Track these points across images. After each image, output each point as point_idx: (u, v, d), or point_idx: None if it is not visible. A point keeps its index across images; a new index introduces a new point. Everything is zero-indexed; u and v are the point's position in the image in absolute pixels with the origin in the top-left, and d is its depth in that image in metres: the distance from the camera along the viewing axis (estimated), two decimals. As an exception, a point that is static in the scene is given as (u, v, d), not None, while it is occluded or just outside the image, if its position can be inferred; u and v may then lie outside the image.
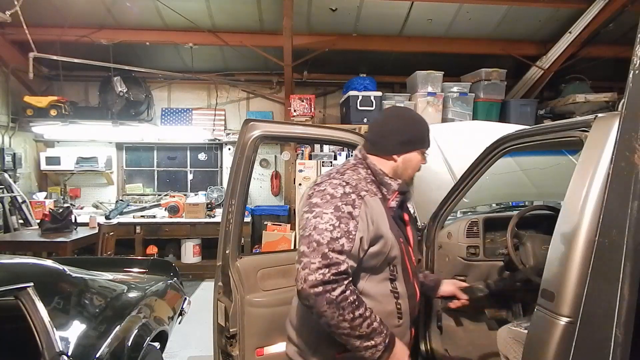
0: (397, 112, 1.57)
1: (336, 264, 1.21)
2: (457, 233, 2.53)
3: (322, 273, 1.19)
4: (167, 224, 5.48)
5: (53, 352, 1.60)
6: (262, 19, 4.99)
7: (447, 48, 5.45)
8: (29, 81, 5.15)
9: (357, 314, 1.22)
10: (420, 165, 1.53)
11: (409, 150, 1.48)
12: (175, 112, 6.05)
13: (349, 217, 1.27)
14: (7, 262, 1.90)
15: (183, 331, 3.17)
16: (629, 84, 1.00)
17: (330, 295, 1.19)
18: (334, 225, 1.25)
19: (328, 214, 1.26)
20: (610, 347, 0.98)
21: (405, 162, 1.48)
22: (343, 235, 1.24)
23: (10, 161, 5.19)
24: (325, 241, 1.22)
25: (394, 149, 1.47)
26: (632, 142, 0.98)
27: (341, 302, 1.20)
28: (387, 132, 1.48)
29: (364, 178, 1.42)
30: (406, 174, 1.49)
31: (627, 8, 4.58)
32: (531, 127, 1.84)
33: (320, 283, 1.19)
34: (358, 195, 1.33)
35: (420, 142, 1.51)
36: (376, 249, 1.33)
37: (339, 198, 1.29)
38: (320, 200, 1.30)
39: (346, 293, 1.21)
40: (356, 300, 1.23)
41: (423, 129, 1.53)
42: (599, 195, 1.18)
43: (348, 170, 1.42)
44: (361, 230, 1.28)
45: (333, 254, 1.21)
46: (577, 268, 1.19)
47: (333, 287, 1.20)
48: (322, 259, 1.21)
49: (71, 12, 4.71)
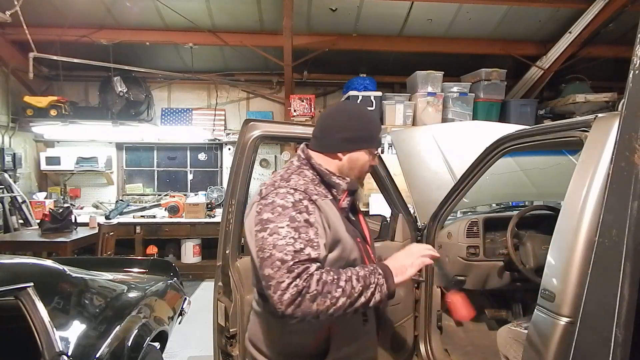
0: (345, 107, 1.49)
1: (304, 270, 1.15)
2: (457, 233, 2.53)
3: (295, 285, 1.12)
4: (167, 224, 5.48)
5: (53, 352, 1.60)
6: (262, 19, 4.99)
7: (447, 48, 5.45)
8: (29, 81, 5.15)
9: (343, 283, 1.17)
10: (368, 166, 1.44)
11: (355, 149, 1.39)
12: (175, 112, 6.05)
13: (307, 225, 1.21)
14: (7, 262, 1.90)
15: (183, 331, 3.17)
16: (629, 84, 1.00)
17: (310, 292, 1.13)
18: (293, 237, 1.17)
19: (284, 228, 1.18)
20: (610, 347, 0.98)
21: (350, 161, 1.39)
22: (307, 245, 1.18)
23: (10, 161, 5.19)
24: (289, 257, 1.15)
25: (338, 147, 1.38)
26: (632, 142, 0.97)
27: (324, 287, 1.14)
28: (332, 128, 1.39)
29: (310, 180, 1.34)
30: (352, 174, 1.40)
31: (627, 8, 4.58)
32: (531, 127, 1.84)
33: (296, 295, 1.12)
34: (310, 200, 1.26)
35: (367, 140, 1.40)
36: (335, 255, 1.29)
37: (291, 208, 1.22)
38: (271, 215, 1.21)
39: (323, 277, 1.15)
40: (334, 275, 1.18)
41: (371, 127, 1.43)
42: (599, 195, 1.18)
43: (293, 175, 1.33)
44: (323, 237, 1.23)
45: (300, 265, 1.15)
46: (577, 268, 1.19)
47: (309, 286, 1.13)
48: (289, 274, 1.13)
49: (71, 12, 4.71)
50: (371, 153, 1.42)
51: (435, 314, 2.44)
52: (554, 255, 1.31)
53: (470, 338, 2.75)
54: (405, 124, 5.33)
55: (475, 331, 2.80)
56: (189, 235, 5.54)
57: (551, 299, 1.25)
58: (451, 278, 2.54)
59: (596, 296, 1.07)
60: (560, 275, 1.24)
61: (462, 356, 2.53)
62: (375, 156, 1.45)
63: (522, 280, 2.50)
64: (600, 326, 1.02)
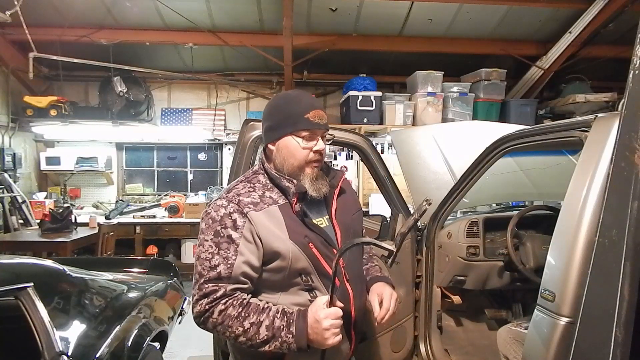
0: (273, 97, 1.41)
1: (212, 292, 1.21)
2: (457, 233, 2.53)
3: (200, 304, 1.22)
4: (167, 224, 5.48)
5: (53, 352, 1.59)
6: (262, 19, 4.99)
7: (447, 48, 5.44)
8: (29, 81, 5.15)
9: (247, 325, 1.19)
10: (307, 151, 1.30)
11: (278, 136, 1.31)
12: (175, 112, 6.05)
13: (229, 241, 1.22)
14: (7, 262, 1.90)
15: (183, 331, 3.16)
16: (629, 84, 1.00)
17: (212, 319, 1.21)
18: (212, 253, 1.22)
19: (208, 241, 1.24)
20: (610, 347, 0.98)
21: (279, 150, 1.32)
22: (221, 263, 1.21)
23: (10, 161, 5.18)
24: (205, 272, 1.22)
25: (266, 139, 1.36)
26: (632, 142, 0.97)
27: (224, 321, 1.20)
28: (262, 121, 1.39)
29: (263, 185, 1.32)
30: (287, 163, 1.31)
31: (627, 8, 4.58)
32: (531, 127, 1.85)
33: (200, 314, 1.22)
34: (241, 213, 1.24)
35: (289, 124, 1.29)
36: (274, 266, 1.26)
37: (219, 222, 1.23)
38: (204, 226, 1.26)
39: (227, 311, 1.20)
40: (242, 312, 1.20)
41: (290, 110, 1.30)
42: (599, 195, 1.18)
43: (240, 184, 1.32)
44: (244, 253, 1.22)
45: (209, 284, 1.21)
46: (577, 268, 1.19)
47: (211, 312, 1.21)
48: (199, 291, 1.22)
49: (71, 12, 4.71)
50: (300, 136, 1.29)
51: (435, 314, 2.45)
52: (554, 255, 1.31)
53: (470, 338, 2.75)
54: (405, 124, 5.33)
55: (475, 331, 2.80)
56: (189, 235, 5.54)
57: (551, 299, 1.25)
58: (451, 278, 2.54)
59: (596, 296, 1.07)
60: (560, 275, 1.24)
61: (462, 356, 2.53)
62: (311, 140, 1.31)
63: (522, 280, 2.50)
64: (600, 326, 1.02)
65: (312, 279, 1.29)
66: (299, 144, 1.30)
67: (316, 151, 1.32)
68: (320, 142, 1.32)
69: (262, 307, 1.22)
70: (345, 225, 1.39)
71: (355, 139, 2.27)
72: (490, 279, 2.57)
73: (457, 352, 2.54)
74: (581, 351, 1.11)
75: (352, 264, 1.39)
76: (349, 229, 1.41)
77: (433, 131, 3.08)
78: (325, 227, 1.36)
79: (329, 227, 1.37)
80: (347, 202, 1.46)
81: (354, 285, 1.36)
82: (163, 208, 5.71)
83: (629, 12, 4.63)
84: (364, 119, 5.30)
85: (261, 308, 1.22)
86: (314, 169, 1.33)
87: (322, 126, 1.32)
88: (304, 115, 1.29)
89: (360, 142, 2.28)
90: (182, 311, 2.75)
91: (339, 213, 1.40)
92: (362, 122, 5.30)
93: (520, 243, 2.37)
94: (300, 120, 1.29)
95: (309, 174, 1.32)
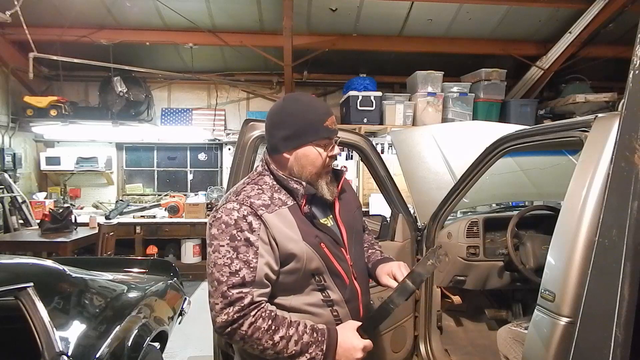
0: (282, 102, 1.35)
1: (238, 299, 1.16)
2: (457, 233, 2.53)
3: (226, 313, 1.16)
4: (167, 224, 5.48)
5: (53, 352, 1.59)
6: (262, 19, 4.99)
7: (447, 48, 5.44)
8: (29, 81, 5.15)
9: (277, 338, 1.17)
10: (324, 158, 1.31)
11: (298, 145, 1.29)
12: (175, 112, 6.05)
13: (247, 244, 1.19)
14: (7, 262, 1.90)
15: (183, 331, 3.17)
16: (629, 84, 1.00)
17: (240, 331, 1.17)
18: (231, 258, 1.18)
19: (224, 246, 1.19)
20: (610, 347, 0.98)
21: (298, 159, 1.30)
22: (243, 267, 1.18)
23: (10, 161, 5.18)
24: (224, 278, 1.17)
25: (281, 147, 1.31)
26: (632, 142, 0.97)
27: (254, 333, 1.17)
28: (272, 129, 1.33)
29: (270, 187, 1.30)
30: (306, 171, 1.30)
31: (627, 8, 4.58)
32: (531, 127, 1.84)
33: (227, 324, 1.17)
34: (255, 215, 1.22)
35: (309, 133, 1.28)
36: (289, 268, 1.25)
37: (233, 225, 1.20)
38: (217, 231, 1.21)
39: (257, 323, 1.17)
40: (272, 325, 1.18)
41: (310, 117, 1.28)
42: (599, 195, 1.18)
43: (248, 186, 1.30)
44: (264, 255, 1.20)
45: (233, 291, 1.16)
46: (577, 268, 1.19)
47: (240, 324, 1.16)
48: (223, 299, 1.17)
49: (71, 12, 4.71)
50: (320, 145, 1.29)
51: (435, 314, 2.44)
52: (554, 255, 1.31)
53: (470, 338, 2.75)
54: (405, 124, 5.33)
55: (475, 331, 2.81)
56: (189, 235, 5.54)
57: (551, 299, 1.25)
58: (451, 278, 2.54)
59: (596, 296, 1.07)
60: (560, 275, 1.24)
61: (462, 356, 2.53)
62: (328, 146, 1.31)
63: (522, 280, 2.50)
64: (600, 326, 1.02)
65: (324, 279, 1.30)
66: (320, 154, 1.30)
67: (332, 156, 1.33)
68: (336, 148, 1.34)
69: (290, 321, 1.21)
70: (348, 223, 1.41)
71: (355, 139, 2.27)
72: (490, 279, 2.57)
73: (457, 352, 2.54)
74: (581, 351, 1.11)
75: (358, 262, 1.41)
76: (352, 227, 1.43)
77: (433, 131, 3.08)
78: (331, 226, 1.37)
79: (334, 226, 1.38)
80: (348, 201, 1.48)
81: (361, 283, 1.39)
82: (163, 208, 5.71)
83: (629, 12, 4.63)
84: (364, 119, 5.30)
85: (289, 322, 1.21)
86: (328, 174, 1.36)
87: (337, 132, 1.34)
88: (324, 123, 1.29)
89: (360, 142, 2.28)
90: (182, 311, 2.75)
91: (342, 212, 1.41)
92: (362, 122, 5.30)
93: (520, 243, 2.37)
94: (320, 129, 1.28)
95: (325, 179, 1.35)
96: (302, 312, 1.28)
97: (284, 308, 1.28)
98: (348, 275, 1.34)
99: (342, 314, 1.32)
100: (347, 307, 1.33)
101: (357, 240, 1.46)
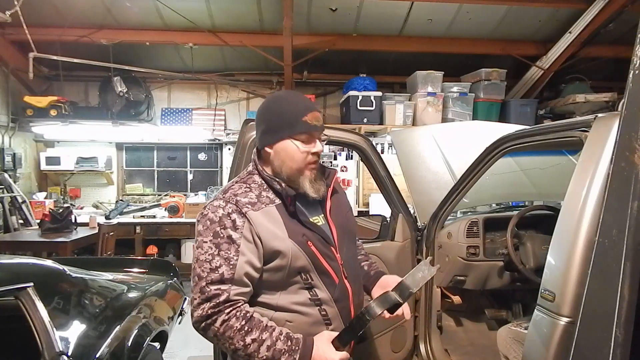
0: (267, 100, 1.40)
1: (215, 296, 1.17)
2: (457, 233, 2.53)
3: (202, 309, 1.18)
4: (167, 224, 5.48)
5: (53, 352, 1.59)
6: (262, 19, 4.99)
7: (447, 48, 5.44)
8: (29, 81, 5.14)
9: (249, 340, 1.17)
10: (306, 154, 1.29)
11: (276, 140, 1.30)
12: (175, 112, 6.05)
13: (229, 242, 1.21)
14: (7, 262, 1.90)
15: (183, 331, 3.16)
16: (629, 84, 1.00)
17: (213, 327, 1.18)
18: (212, 254, 1.20)
19: (207, 243, 1.21)
20: (610, 347, 0.98)
21: (277, 153, 1.30)
22: (223, 264, 1.19)
23: (10, 161, 5.18)
24: (204, 274, 1.19)
25: (262, 142, 1.34)
26: (632, 142, 0.97)
27: (225, 332, 1.17)
28: (256, 125, 1.39)
29: (259, 186, 1.31)
30: (286, 166, 1.30)
31: (627, 8, 4.57)
32: (531, 127, 1.85)
33: (202, 319, 1.18)
34: (240, 213, 1.23)
35: (286, 127, 1.28)
36: (274, 265, 1.25)
37: (217, 222, 1.22)
38: (202, 228, 1.24)
39: (229, 322, 1.17)
40: (245, 325, 1.17)
41: (287, 111, 1.30)
42: (599, 195, 1.18)
43: (236, 184, 1.32)
44: (246, 253, 1.21)
45: (211, 287, 1.18)
46: (577, 268, 1.19)
47: (214, 320, 1.17)
48: (200, 294, 1.19)
49: (71, 12, 4.71)
50: (299, 139, 1.29)
51: (435, 314, 2.45)
52: (554, 255, 1.31)
53: (470, 338, 2.75)
54: (405, 124, 5.33)
55: (475, 331, 2.81)
56: (189, 235, 5.53)
57: (551, 299, 1.25)
58: (451, 278, 2.54)
59: (596, 296, 1.07)
60: (560, 275, 1.24)
61: (462, 356, 2.53)
62: (309, 142, 1.30)
63: (522, 280, 2.50)
64: (600, 326, 1.02)
65: (311, 277, 1.29)
66: (298, 148, 1.29)
67: (314, 153, 1.31)
68: (318, 144, 1.32)
69: (266, 325, 1.20)
70: (340, 223, 1.41)
71: (355, 139, 2.27)
72: (490, 279, 2.57)
73: (457, 352, 2.54)
74: (581, 351, 1.11)
75: (349, 262, 1.40)
76: (344, 227, 1.42)
77: (433, 131, 3.08)
78: (321, 225, 1.37)
79: (324, 226, 1.37)
80: (340, 201, 1.48)
81: (352, 283, 1.38)
82: (163, 208, 5.70)
83: (629, 12, 4.63)
84: (364, 119, 5.30)
85: (264, 325, 1.20)
86: (312, 171, 1.33)
87: (319, 128, 1.32)
88: (302, 117, 1.28)
89: (360, 142, 2.28)
90: (182, 311, 2.75)
91: (333, 212, 1.41)
92: (362, 122, 5.30)
93: (520, 243, 2.37)
94: (298, 123, 1.28)
95: (308, 176, 1.32)
96: (289, 310, 1.28)
97: (271, 306, 1.27)
98: (338, 274, 1.32)
99: (331, 314, 1.31)
100: (336, 307, 1.31)
101: (349, 240, 1.45)
